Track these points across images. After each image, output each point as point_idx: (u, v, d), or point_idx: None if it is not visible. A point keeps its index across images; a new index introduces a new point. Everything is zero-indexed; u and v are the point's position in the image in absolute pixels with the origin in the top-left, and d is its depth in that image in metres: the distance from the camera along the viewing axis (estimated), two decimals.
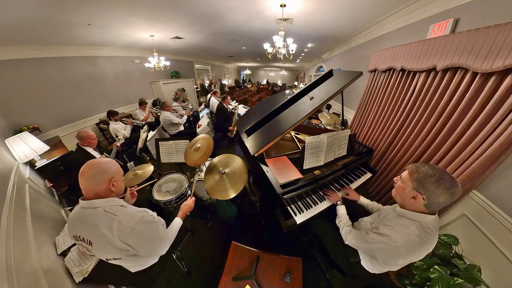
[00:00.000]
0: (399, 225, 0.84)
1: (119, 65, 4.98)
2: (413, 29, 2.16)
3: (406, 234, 0.79)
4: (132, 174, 1.76)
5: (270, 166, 1.44)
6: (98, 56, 4.33)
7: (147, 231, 0.85)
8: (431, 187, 0.76)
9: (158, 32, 3.79)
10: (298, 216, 1.30)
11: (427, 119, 1.68)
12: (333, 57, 5.86)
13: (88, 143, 2.12)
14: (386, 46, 2.40)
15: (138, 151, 2.56)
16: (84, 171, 0.80)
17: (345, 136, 1.60)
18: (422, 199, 0.79)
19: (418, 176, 0.80)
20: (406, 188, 0.84)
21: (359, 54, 3.75)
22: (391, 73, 2.22)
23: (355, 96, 3.53)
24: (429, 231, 0.79)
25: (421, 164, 0.83)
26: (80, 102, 4.07)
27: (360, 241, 0.94)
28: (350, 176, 1.70)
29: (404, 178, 0.87)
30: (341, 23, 3.15)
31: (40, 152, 2.14)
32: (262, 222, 1.99)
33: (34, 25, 2.41)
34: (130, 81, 5.44)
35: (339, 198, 1.35)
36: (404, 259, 0.81)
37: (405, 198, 0.86)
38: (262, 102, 3.04)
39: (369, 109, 2.64)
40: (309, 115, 1.51)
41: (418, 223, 0.81)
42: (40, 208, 1.57)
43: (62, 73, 3.66)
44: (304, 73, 13.05)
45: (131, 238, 0.79)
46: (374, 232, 0.89)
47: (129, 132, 3.38)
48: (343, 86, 1.61)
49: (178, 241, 1.73)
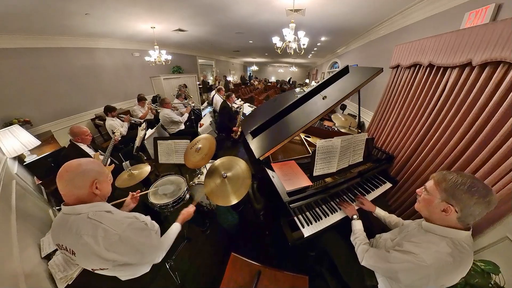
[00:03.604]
0: (427, 241, 0.80)
1: (118, 58, 5.14)
2: (444, 18, 2.09)
3: (436, 252, 0.75)
4: (127, 174, 1.78)
5: (277, 171, 1.43)
6: (95, 48, 4.48)
7: (137, 238, 0.84)
8: (464, 197, 0.72)
9: (159, 24, 3.88)
10: (306, 228, 1.27)
11: (460, 123, 1.60)
12: (350, 51, 5.82)
13: (81, 139, 2.17)
14: (411, 38, 2.33)
15: (135, 150, 2.60)
16: (62, 174, 0.78)
17: (361, 140, 1.57)
18: (454, 212, 0.75)
19: (446, 186, 0.76)
20: (434, 200, 0.80)
21: (379, 48, 3.70)
22: (417, 69, 2.16)
23: (374, 96, 3.48)
24: (463, 250, 0.74)
25: (447, 172, 0.80)
26: (76, 95, 4.21)
27: (380, 261, 0.90)
28: (366, 185, 1.66)
29: (429, 189, 0.83)
30: (359, 13, 3.11)
31: (30, 147, 2.21)
32: (266, 233, 1.96)
33: (28, 13, 2.48)
34: (129, 75, 5.60)
35: (355, 211, 1.31)
36: (434, 282, 0.75)
37: (433, 212, 0.82)
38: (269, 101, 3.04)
39: (390, 111, 2.58)
40: (321, 116, 1.50)
41: (449, 240, 0.76)
42: (27, 206, 1.61)
43: (58, 65, 3.80)
44: (316, 70, 13.01)
45: (119, 247, 0.78)
46: (396, 250, 0.85)
47: (126, 129, 3.45)
48: (360, 84, 1.58)
49: (173, 249, 1.73)
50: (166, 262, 1.50)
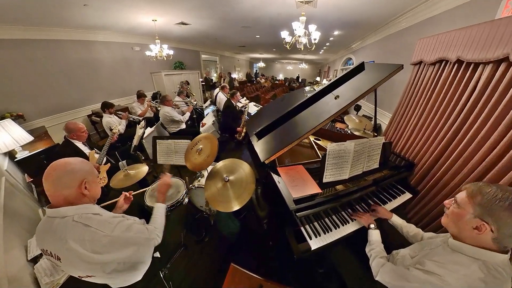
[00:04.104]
0: (454, 262, 0.76)
1: (117, 52, 5.29)
2: (476, 7, 2.03)
3: (464, 275, 0.71)
4: (123, 174, 1.80)
5: (283, 176, 1.43)
6: (94, 41, 4.62)
7: (129, 233, 0.86)
8: (504, 215, 0.67)
9: (161, 17, 3.96)
10: (314, 240, 1.25)
11: (493, 127, 1.53)
12: (366, 47, 5.78)
13: (77, 136, 2.21)
14: (437, 31, 2.29)
15: (133, 149, 2.64)
16: (49, 173, 0.78)
17: (377, 144, 1.54)
18: (489, 231, 0.71)
19: (482, 200, 0.72)
20: (465, 215, 0.76)
21: (399, 42, 3.66)
22: (443, 65, 2.11)
23: (393, 96, 3.44)
24: (499, 276, 0.70)
25: (485, 184, 0.75)
26: (72, 90, 4.33)
27: (398, 279, 0.86)
28: (382, 195, 1.63)
29: (461, 202, 0.79)
30: (378, 3, 3.06)
31: (23, 142, 2.27)
32: (269, 243, 1.95)
33: (24, 2, 2.55)
34: (129, 71, 5.74)
35: (372, 220, 1.28)
36: None
37: (463, 228, 0.78)
38: (277, 100, 3.04)
39: (410, 112, 2.53)
40: (333, 118, 1.50)
41: (481, 263, 0.72)
42: (15, 205, 1.64)
43: (54, 58, 3.92)
44: (328, 67, 12.98)
45: (111, 246, 0.78)
46: (417, 268, 0.82)
47: (123, 127, 3.52)
48: (377, 83, 1.56)
49: (168, 256, 1.75)
50: (160, 270, 1.49)
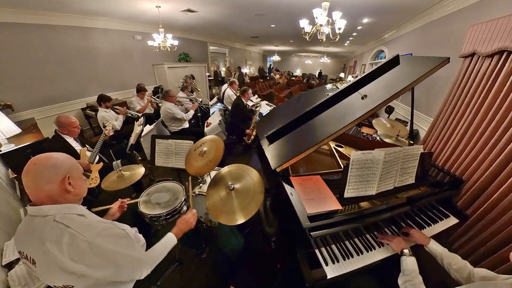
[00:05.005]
0: None
1: (117, 41, 5.54)
2: None
3: None
4: (116, 175, 1.86)
5: (297, 187, 1.43)
6: (92, 28, 4.87)
7: (112, 246, 0.84)
8: None
9: (165, 3, 4.12)
10: (331, 266, 1.23)
11: None
12: (401, 36, 5.70)
13: (68, 131, 2.32)
14: (495, 15, 2.17)
15: (129, 148, 2.73)
16: (29, 168, 0.81)
17: (414, 155, 1.50)
18: None
19: None
20: None
21: (444, 30, 3.56)
22: (504, 58, 2.00)
23: (434, 96, 3.36)
24: None
25: None
26: (66, 81, 4.57)
27: None
28: (419, 217, 1.58)
29: None
30: None
31: (9, 135, 2.39)
32: (276, 266, 1.93)
33: None
34: (129, 62, 5.99)
35: (406, 245, 1.25)
36: None
37: None
38: (292, 99, 3.03)
39: (458, 116, 2.42)
40: (359, 121, 1.48)
41: None
42: None
43: (48, 45, 4.14)
44: (355, 61, 12.82)
45: (87, 257, 0.77)
46: None
47: (120, 123, 3.67)
48: (415, 80, 1.51)
49: (160, 272, 1.76)
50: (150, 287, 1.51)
